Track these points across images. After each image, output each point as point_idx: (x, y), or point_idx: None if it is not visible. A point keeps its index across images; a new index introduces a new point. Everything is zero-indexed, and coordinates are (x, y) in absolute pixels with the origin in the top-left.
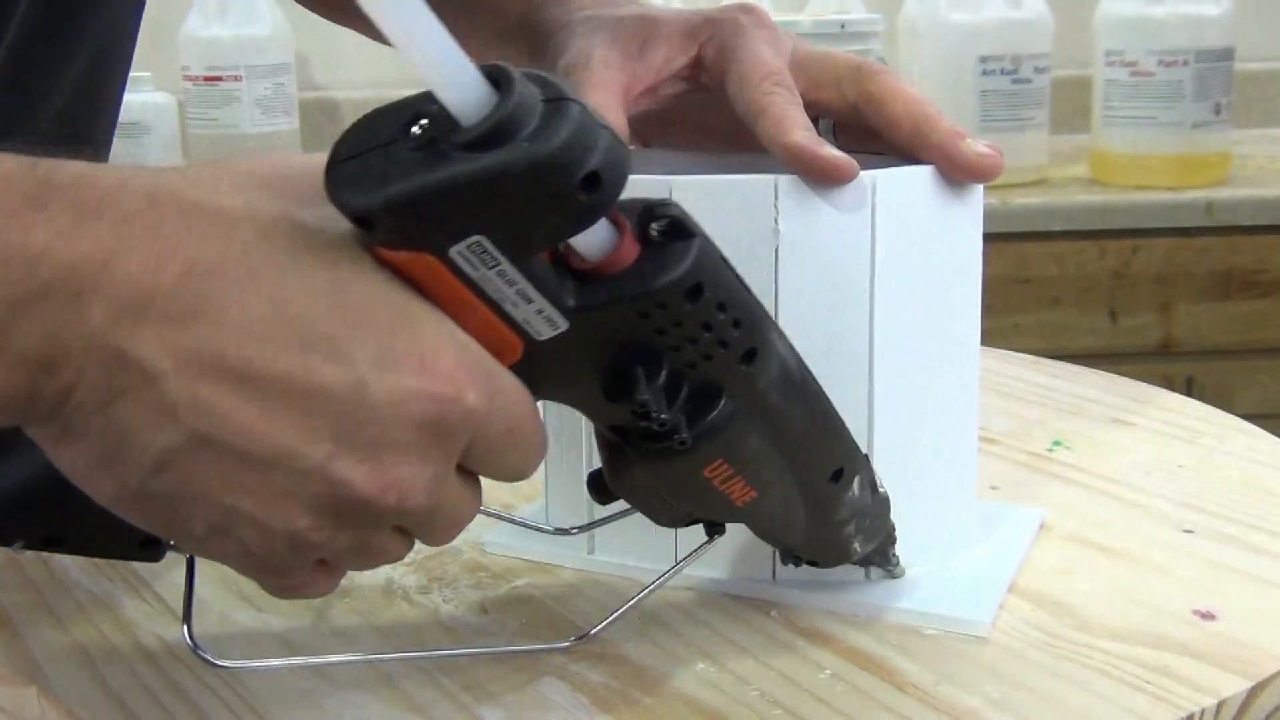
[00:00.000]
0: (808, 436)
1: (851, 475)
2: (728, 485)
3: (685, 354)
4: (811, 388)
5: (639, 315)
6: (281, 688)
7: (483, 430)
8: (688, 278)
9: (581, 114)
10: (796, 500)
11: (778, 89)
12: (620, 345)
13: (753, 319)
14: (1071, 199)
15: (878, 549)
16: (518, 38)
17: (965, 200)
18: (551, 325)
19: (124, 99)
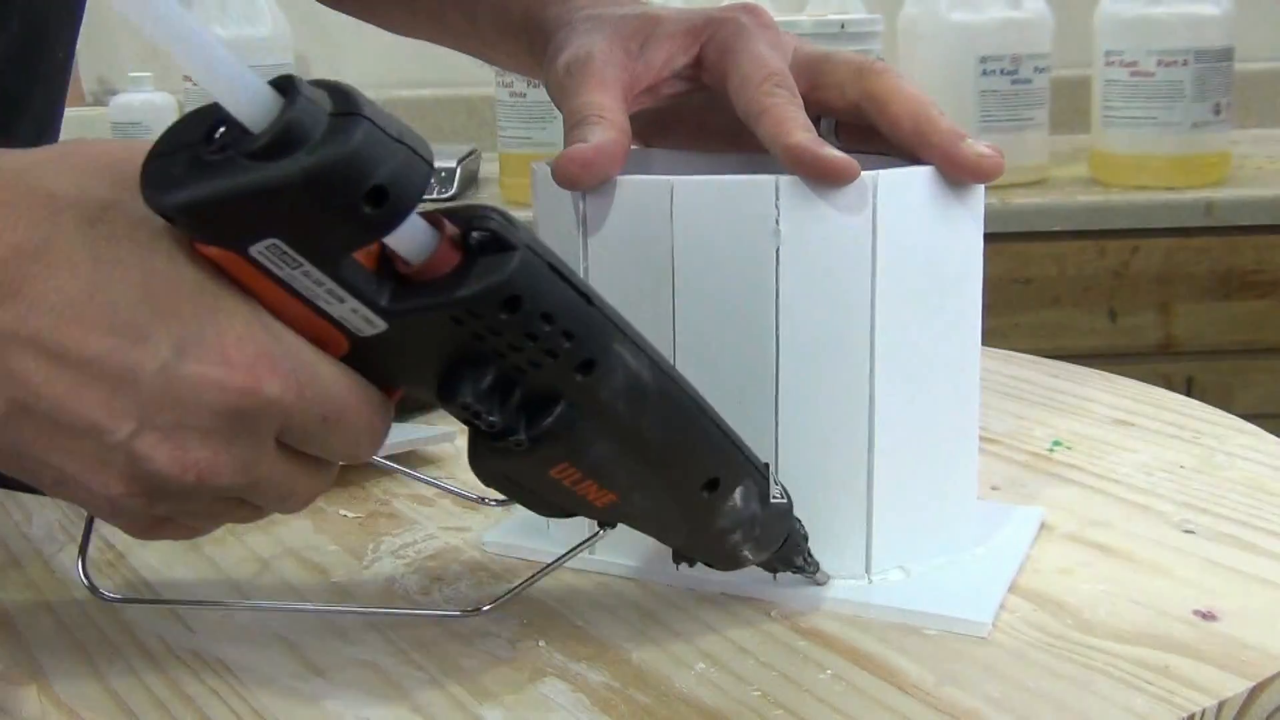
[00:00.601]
0: (669, 448)
1: (730, 486)
2: (580, 487)
3: (512, 360)
4: (675, 401)
5: (455, 322)
6: (282, 688)
7: (293, 418)
8: (502, 289)
9: (369, 130)
10: (669, 506)
11: (779, 90)
12: (446, 358)
13: (590, 332)
14: (1071, 199)
15: (779, 556)
16: (520, 35)
17: (966, 200)
18: (370, 324)
19: (123, 98)
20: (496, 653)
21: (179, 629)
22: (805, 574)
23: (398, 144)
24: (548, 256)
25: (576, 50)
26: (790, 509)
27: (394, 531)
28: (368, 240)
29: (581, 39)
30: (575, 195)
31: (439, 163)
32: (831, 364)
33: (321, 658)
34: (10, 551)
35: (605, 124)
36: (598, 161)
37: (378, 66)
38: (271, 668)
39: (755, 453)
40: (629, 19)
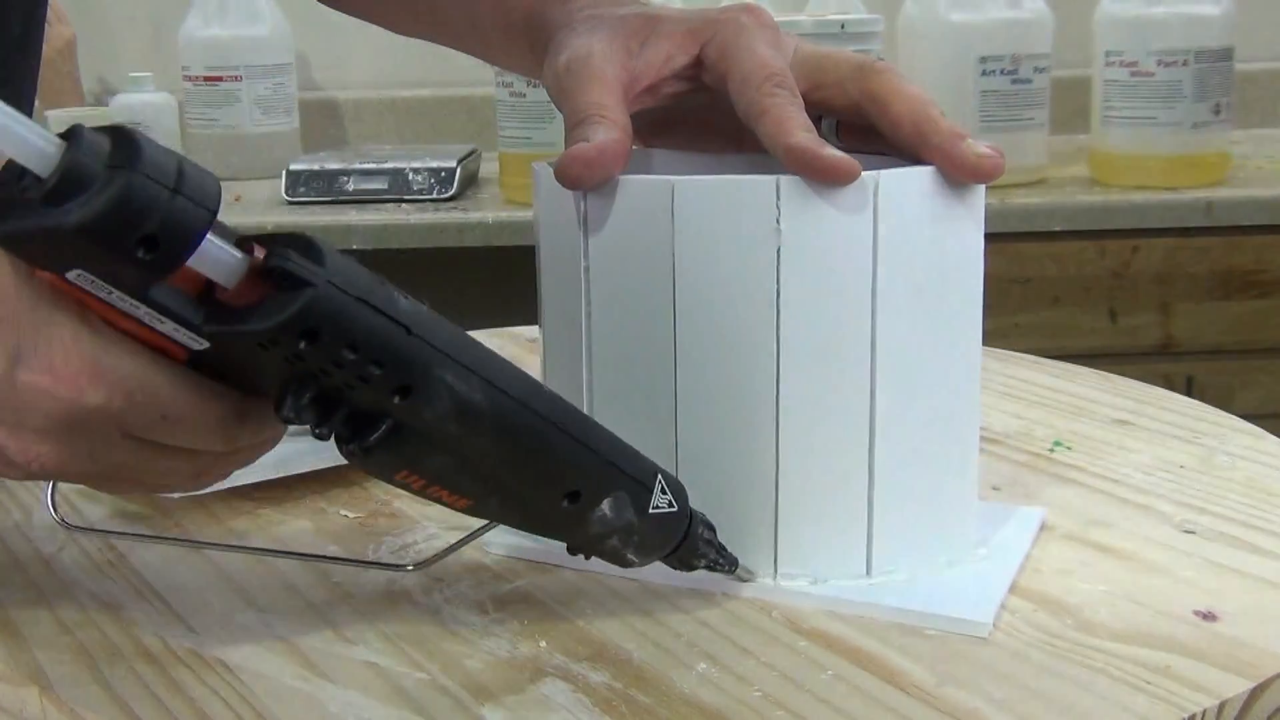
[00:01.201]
0: (515, 464)
1: (596, 498)
2: (429, 491)
3: (324, 382)
4: (516, 422)
5: (261, 347)
6: (282, 688)
7: (128, 419)
8: (293, 324)
9: (137, 184)
10: (533, 513)
11: (779, 90)
12: (266, 376)
13: (403, 360)
14: (1071, 199)
15: (676, 558)
16: (521, 36)
17: (966, 200)
18: (196, 342)
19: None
20: (497, 653)
21: (179, 629)
22: (720, 571)
23: (172, 193)
24: (357, 290)
25: (576, 49)
26: (679, 516)
27: (394, 531)
28: (152, 280)
29: (581, 38)
30: (576, 195)
31: (440, 163)
32: (832, 364)
33: (321, 658)
34: (10, 551)
35: (608, 123)
36: (601, 161)
37: (378, 66)
38: (271, 668)
39: (656, 460)
40: (629, 19)
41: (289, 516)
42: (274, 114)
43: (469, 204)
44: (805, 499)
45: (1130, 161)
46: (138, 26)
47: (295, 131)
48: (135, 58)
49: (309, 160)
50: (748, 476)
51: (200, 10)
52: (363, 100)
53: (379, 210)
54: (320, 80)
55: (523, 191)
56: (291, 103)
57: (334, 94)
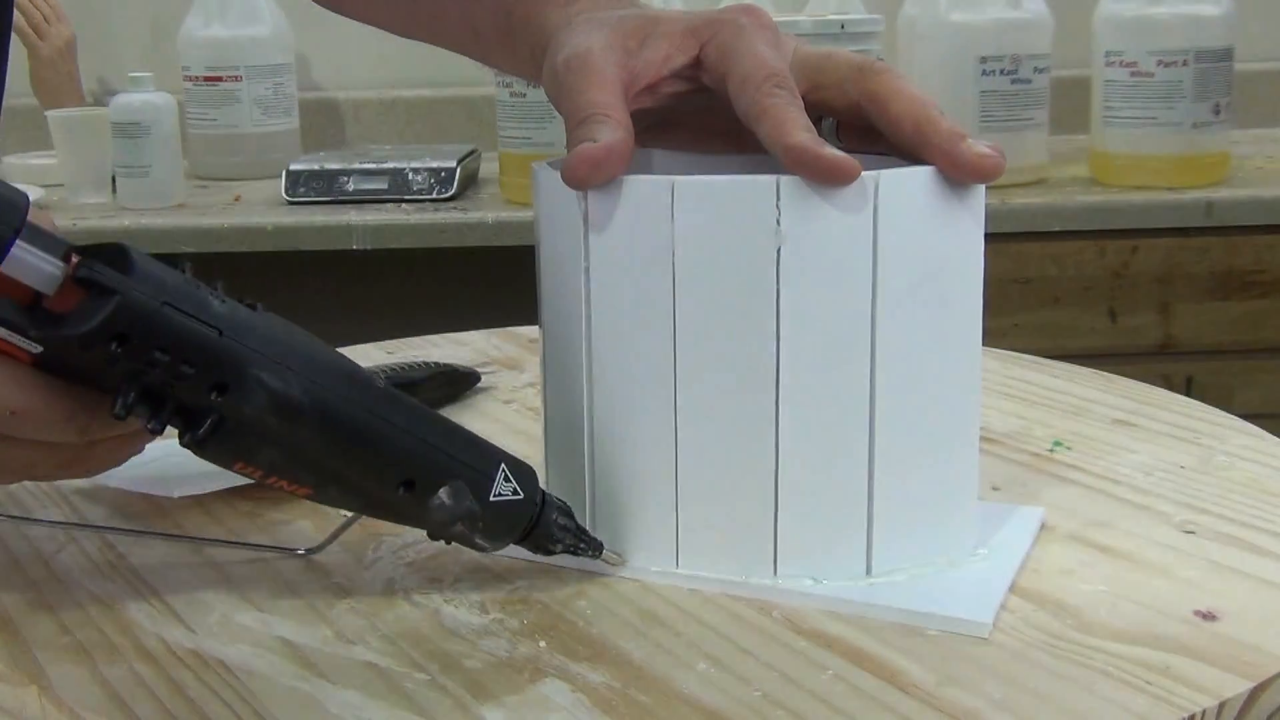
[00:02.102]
0: (342, 455)
1: (431, 486)
2: (269, 481)
3: (144, 380)
4: (340, 415)
5: (79, 349)
6: (282, 689)
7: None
8: (104, 328)
9: None
10: (372, 501)
11: (779, 90)
12: (93, 375)
13: (215, 360)
14: (1071, 199)
15: (533, 542)
16: (520, 40)
17: (967, 200)
18: (31, 346)
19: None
20: (496, 653)
21: (179, 629)
22: (583, 554)
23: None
24: (166, 296)
25: (575, 48)
26: (526, 502)
27: (394, 532)
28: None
29: (580, 37)
30: (577, 195)
31: (440, 163)
32: (832, 364)
33: (321, 658)
34: (10, 551)
35: (612, 123)
36: (608, 161)
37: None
38: (271, 668)
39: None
40: (627, 19)
41: (289, 516)
42: (274, 114)
43: (469, 204)
44: (805, 499)
45: (1130, 161)
46: (138, 26)
47: (295, 131)
48: (135, 58)
49: (309, 160)
50: (748, 476)
51: (200, 10)
52: (363, 100)
53: (379, 210)
54: (320, 80)
55: (523, 191)
56: (291, 103)
57: (334, 94)
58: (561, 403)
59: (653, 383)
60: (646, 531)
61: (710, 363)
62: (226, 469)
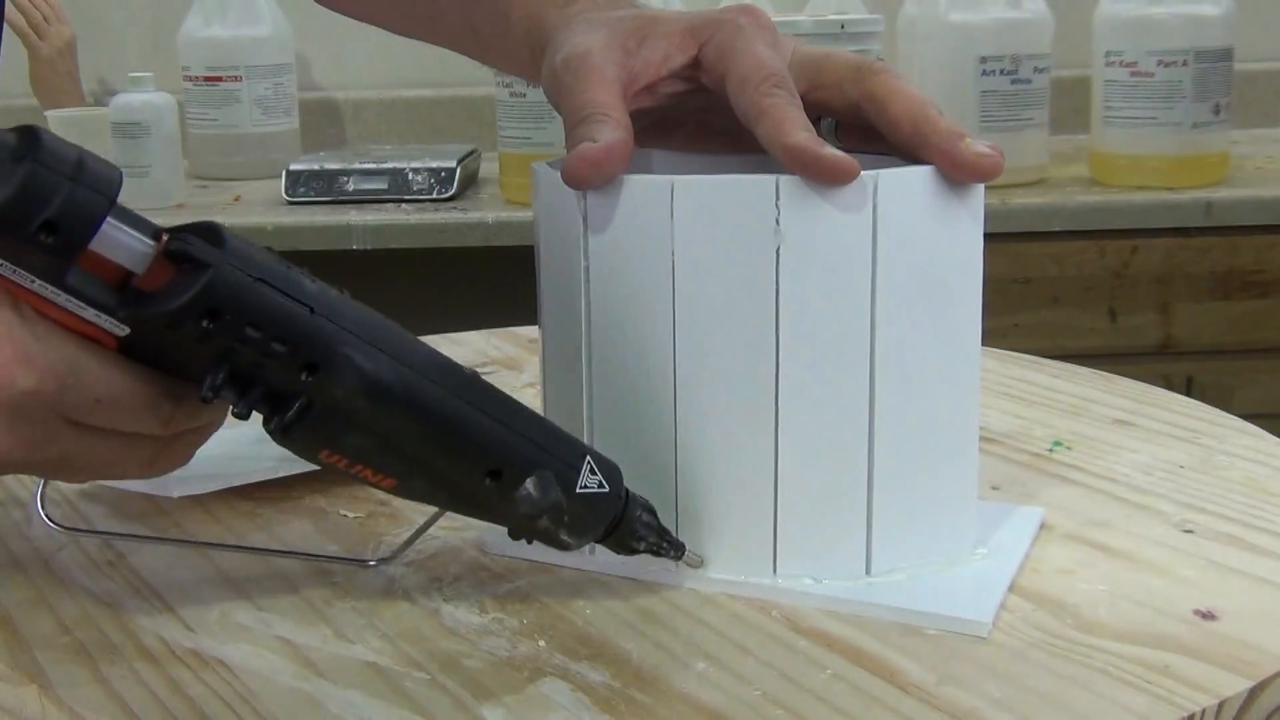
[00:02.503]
0: (432, 441)
1: (518, 477)
2: (355, 471)
3: (234, 360)
4: (429, 400)
5: (170, 328)
6: (282, 688)
7: (64, 403)
8: (196, 303)
9: (33, 173)
10: (458, 492)
11: (777, 90)
12: (181, 355)
13: (307, 338)
14: (1071, 199)
15: (616, 540)
16: (519, 40)
17: (966, 200)
18: (117, 328)
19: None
20: (496, 653)
21: (179, 629)
22: (664, 555)
23: (71, 181)
24: (258, 272)
25: (574, 47)
26: (612, 496)
27: (394, 531)
28: (61, 265)
29: (579, 37)
30: (577, 194)
31: (440, 163)
32: (832, 363)
33: (321, 658)
34: (10, 551)
35: (611, 122)
36: (608, 161)
37: (378, 66)
38: (271, 668)
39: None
40: (626, 19)
41: (289, 516)
42: (274, 114)
43: (469, 204)
44: (805, 498)
45: (1130, 161)
46: (138, 26)
47: (295, 131)
48: (135, 58)
49: (309, 160)
50: (748, 476)
51: (200, 10)
52: (363, 100)
53: (379, 210)
54: (320, 80)
55: (523, 191)
56: (291, 103)
57: (334, 94)
58: (561, 403)
59: (652, 383)
60: None
61: (710, 362)
62: (310, 459)
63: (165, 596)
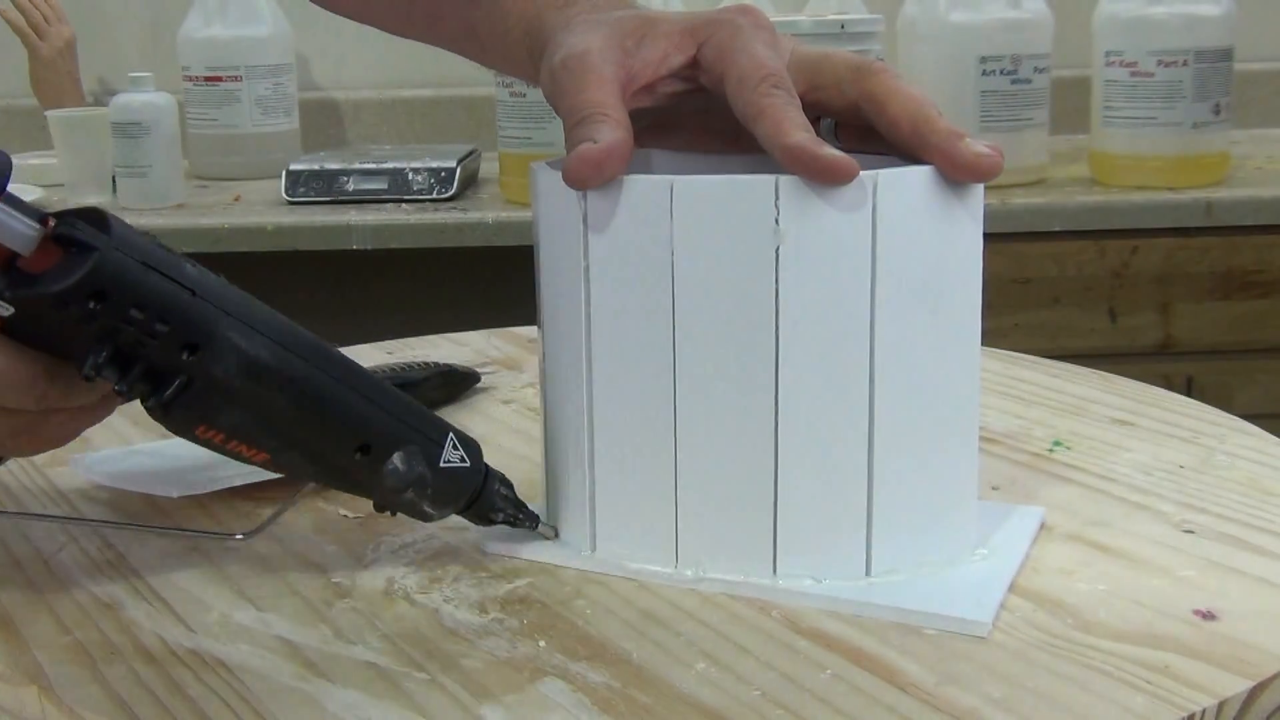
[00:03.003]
0: (305, 417)
1: (386, 451)
2: (229, 446)
3: (117, 340)
4: (303, 378)
5: (58, 308)
6: (282, 688)
7: None
8: (82, 285)
9: None
10: (329, 466)
11: (776, 90)
12: (65, 336)
13: (188, 319)
14: (1071, 199)
15: (476, 512)
16: (518, 42)
17: (966, 200)
18: (2, 308)
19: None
20: (496, 653)
21: (179, 629)
22: (520, 526)
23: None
24: (142, 256)
25: (573, 47)
26: (473, 470)
27: (394, 531)
28: None
29: (577, 37)
30: (577, 195)
31: (440, 163)
32: (831, 363)
33: (321, 658)
34: (10, 551)
35: (612, 122)
36: (609, 161)
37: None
38: (271, 668)
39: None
40: (625, 19)
41: (288, 516)
42: (274, 114)
43: (469, 204)
44: (805, 498)
45: (1130, 161)
46: (138, 26)
47: (295, 131)
48: (135, 58)
49: (309, 160)
50: (747, 476)
51: (200, 10)
52: (363, 100)
53: (379, 210)
54: (320, 80)
55: (523, 191)
56: (291, 103)
57: (334, 94)
58: (561, 403)
59: (652, 382)
60: (646, 531)
61: (709, 362)
62: (187, 436)
63: (165, 596)
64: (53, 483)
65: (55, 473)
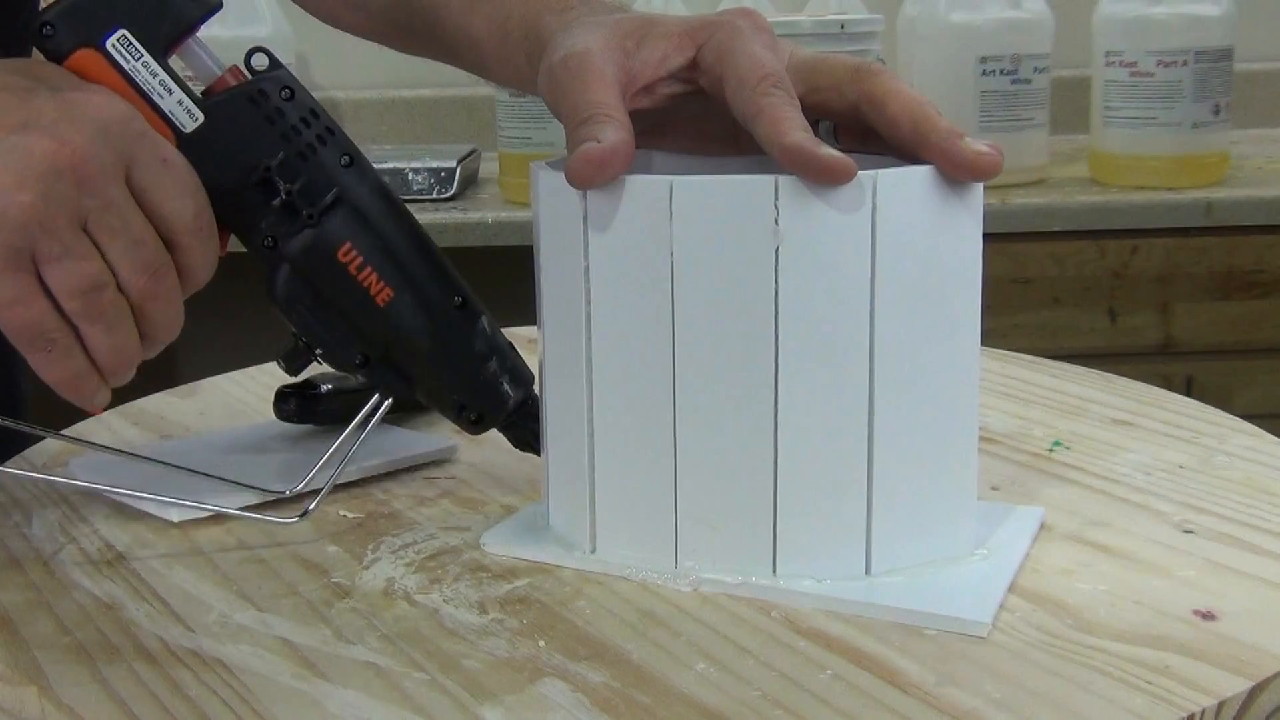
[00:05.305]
0: (419, 254)
1: (476, 310)
2: (363, 275)
3: (294, 144)
4: (413, 221)
5: (252, 103)
6: (282, 688)
7: (136, 150)
8: (279, 82)
9: None
10: (434, 316)
11: (775, 90)
12: (248, 137)
13: (343, 136)
14: (1071, 199)
15: (527, 413)
16: (517, 47)
17: (965, 200)
18: (192, 117)
19: None
20: (496, 653)
21: (179, 629)
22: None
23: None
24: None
25: (573, 47)
26: (527, 369)
27: (394, 532)
28: (188, 26)
29: (577, 38)
30: (577, 195)
31: (440, 163)
32: (831, 363)
33: (321, 658)
34: (10, 551)
35: (614, 122)
36: (612, 161)
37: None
38: (271, 668)
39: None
40: (624, 21)
41: (288, 516)
42: None
43: (469, 204)
44: (805, 498)
45: (1130, 161)
46: None
47: None
48: None
49: None
50: (747, 476)
51: None
52: (363, 100)
53: None
54: (320, 80)
55: (523, 191)
56: None
57: (334, 94)
58: (561, 403)
59: (652, 382)
60: (646, 531)
61: (709, 362)
62: (327, 261)
63: (165, 596)
64: (52, 483)
65: (55, 473)
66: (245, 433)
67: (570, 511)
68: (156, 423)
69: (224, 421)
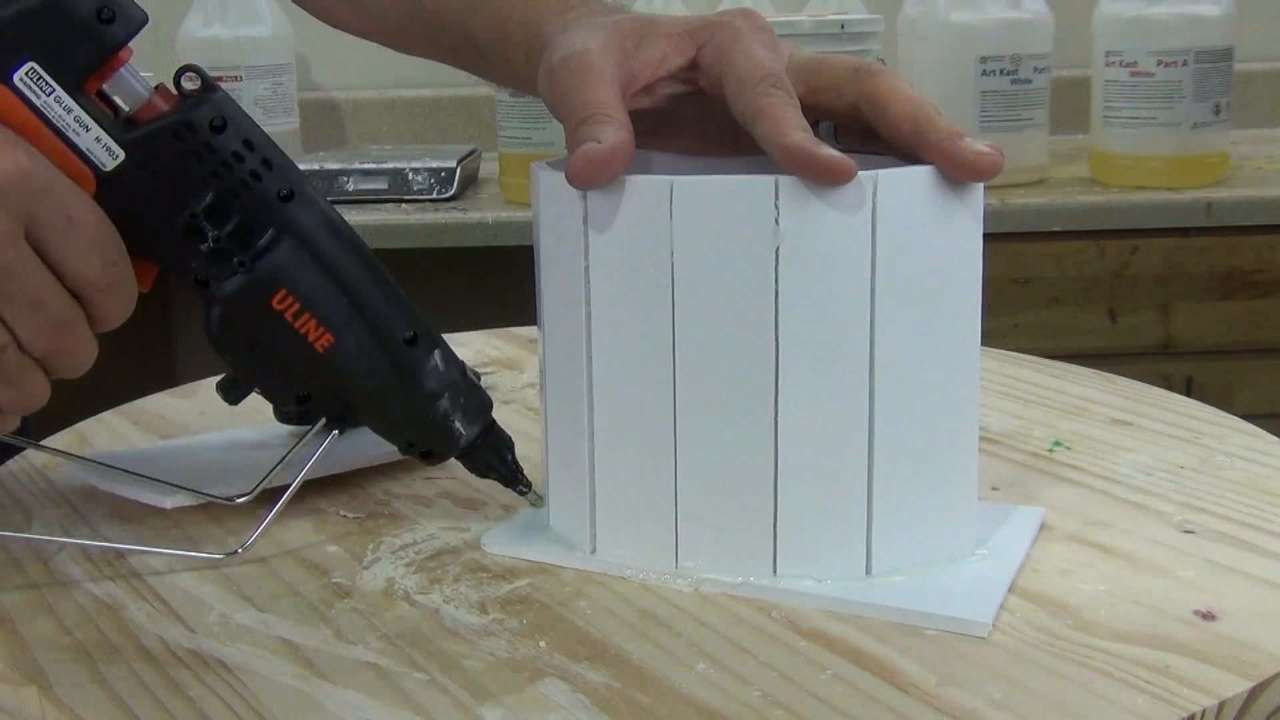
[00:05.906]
0: (368, 291)
1: (430, 345)
2: (300, 322)
3: (225, 180)
4: (363, 250)
5: (176, 138)
6: (282, 688)
7: (39, 209)
8: (209, 112)
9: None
10: (380, 357)
11: (775, 90)
12: (173, 177)
13: (284, 166)
14: (1071, 199)
15: (488, 446)
16: (517, 47)
17: (965, 200)
18: (111, 155)
19: None
20: (496, 653)
21: (179, 629)
22: (517, 489)
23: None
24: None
25: (573, 47)
26: (487, 397)
27: (394, 532)
28: (105, 54)
29: (577, 38)
30: (577, 195)
31: (440, 163)
32: (831, 363)
33: (321, 658)
34: (10, 552)
35: (615, 123)
36: (613, 161)
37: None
38: (271, 668)
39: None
40: (624, 21)
41: (288, 516)
42: (274, 114)
43: (469, 204)
44: (805, 498)
45: (1130, 161)
46: None
47: (295, 131)
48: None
49: (309, 160)
50: (747, 476)
51: (200, 10)
52: (363, 100)
53: (379, 210)
54: (320, 80)
55: (523, 191)
56: (291, 103)
57: (334, 94)
58: (561, 403)
59: (652, 382)
60: (646, 531)
61: (709, 362)
62: (259, 308)
63: (165, 596)
64: (53, 484)
65: (56, 474)
66: (245, 433)
67: (570, 512)
68: (156, 423)
69: (224, 421)
